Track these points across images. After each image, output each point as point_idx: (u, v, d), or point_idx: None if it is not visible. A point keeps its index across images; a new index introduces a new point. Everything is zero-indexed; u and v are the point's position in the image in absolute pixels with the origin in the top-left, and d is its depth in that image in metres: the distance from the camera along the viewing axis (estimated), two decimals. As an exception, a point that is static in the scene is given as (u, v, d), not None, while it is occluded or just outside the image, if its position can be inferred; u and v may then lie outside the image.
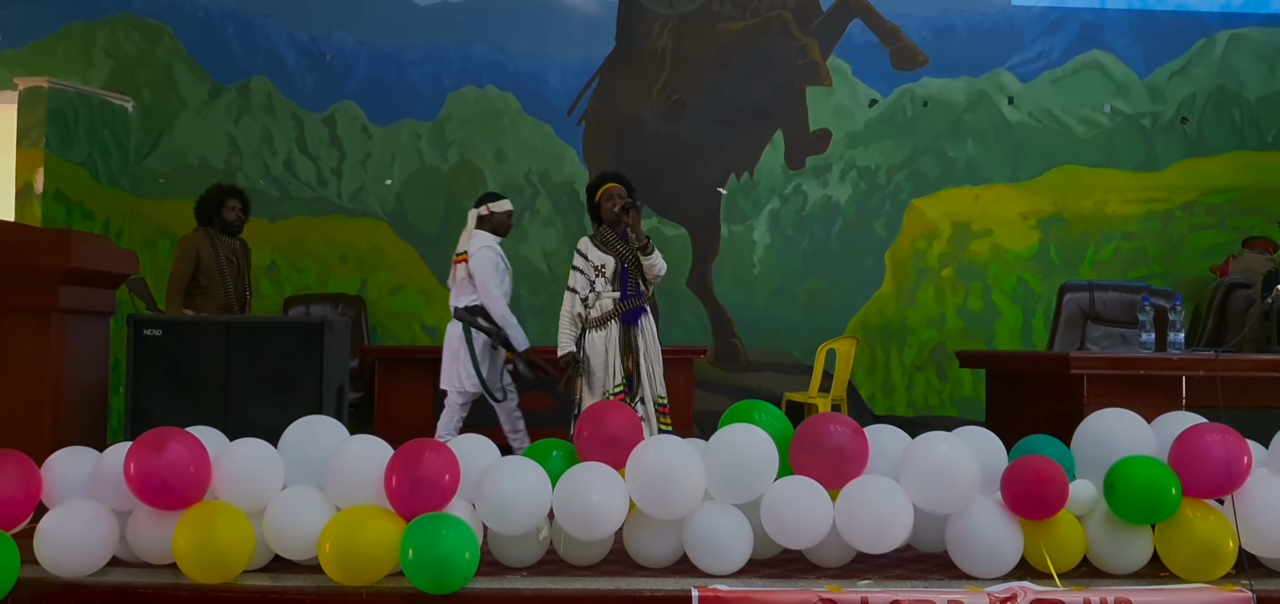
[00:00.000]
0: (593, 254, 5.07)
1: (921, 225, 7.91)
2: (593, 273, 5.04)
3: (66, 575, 3.49)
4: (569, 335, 5.07)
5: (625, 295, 5.01)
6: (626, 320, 5.00)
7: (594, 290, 5.04)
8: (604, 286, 5.02)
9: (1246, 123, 7.92)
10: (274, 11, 8.04)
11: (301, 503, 3.55)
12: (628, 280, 5.02)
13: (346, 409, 5.10)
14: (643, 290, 5.04)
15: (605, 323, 5.00)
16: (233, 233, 6.31)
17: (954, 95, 7.96)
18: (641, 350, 5.00)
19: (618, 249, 5.04)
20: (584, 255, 5.10)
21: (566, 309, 5.09)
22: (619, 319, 5.00)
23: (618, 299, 5.01)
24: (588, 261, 5.07)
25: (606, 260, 5.04)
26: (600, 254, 5.06)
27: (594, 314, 5.02)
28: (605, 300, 5.02)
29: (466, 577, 3.35)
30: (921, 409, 7.79)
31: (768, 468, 3.67)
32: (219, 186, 6.41)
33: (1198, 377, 4.51)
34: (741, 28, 8.00)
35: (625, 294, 5.01)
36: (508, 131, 7.98)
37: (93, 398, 4.97)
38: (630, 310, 5.01)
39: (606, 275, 5.03)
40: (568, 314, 5.08)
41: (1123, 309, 6.36)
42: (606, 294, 5.02)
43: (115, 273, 5.11)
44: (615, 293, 5.01)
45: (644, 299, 5.05)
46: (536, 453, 3.84)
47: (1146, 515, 3.58)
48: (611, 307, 5.01)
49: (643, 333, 5.02)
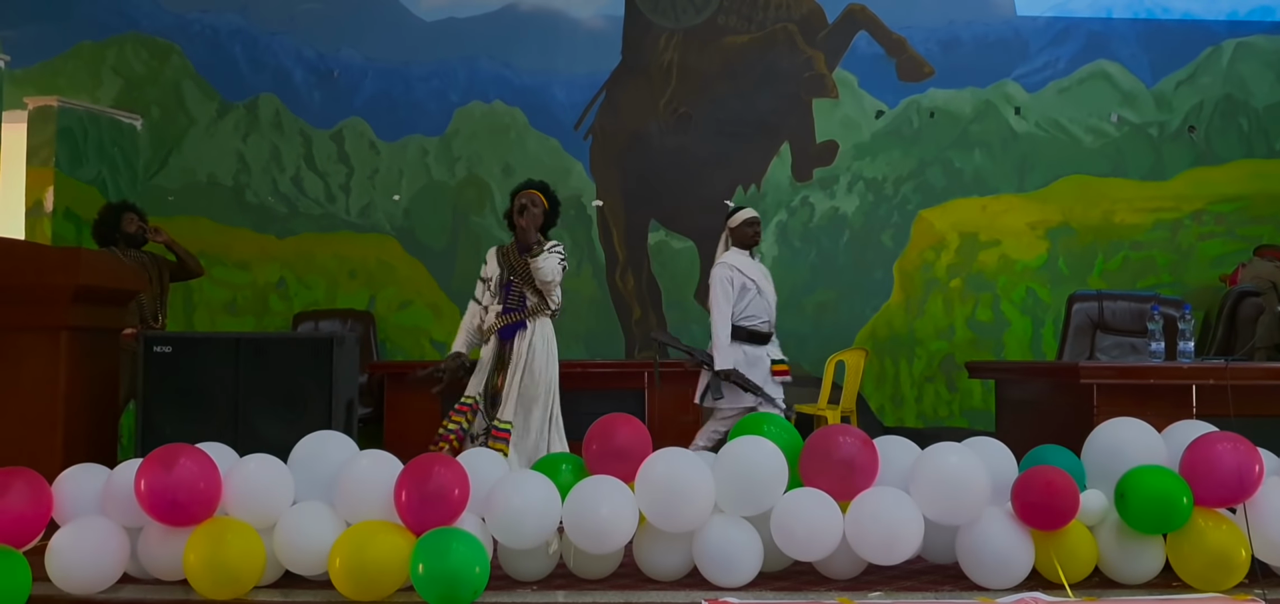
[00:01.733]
0: (490, 264, 4.99)
1: (929, 236, 7.90)
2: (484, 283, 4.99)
3: (78, 592, 3.50)
4: (462, 339, 5.00)
5: (506, 308, 4.89)
6: (502, 336, 4.89)
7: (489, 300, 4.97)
8: (489, 298, 4.94)
9: (1254, 131, 7.91)
10: (281, 29, 8.07)
11: (312, 518, 3.56)
12: (510, 292, 4.89)
13: (356, 424, 5.10)
14: (528, 304, 4.89)
15: (491, 336, 4.91)
16: (137, 245, 6.19)
17: (960, 106, 7.95)
18: (511, 366, 4.85)
19: (511, 259, 4.93)
20: (484, 263, 5.05)
21: (465, 316, 5.06)
22: (496, 333, 4.90)
23: (499, 312, 4.90)
24: (485, 271, 5.03)
25: (495, 271, 4.95)
26: (492, 264, 4.97)
27: (486, 325, 4.95)
28: (491, 313, 4.92)
29: (477, 591, 3.36)
30: (931, 420, 7.77)
31: (777, 480, 3.67)
32: (110, 205, 6.38)
33: (1208, 385, 4.49)
34: (747, 40, 8.01)
35: (506, 307, 4.89)
36: (515, 146, 7.99)
37: (103, 415, 4.99)
38: (506, 325, 4.88)
39: (491, 286, 4.95)
40: (466, 320, 5.04)
41: (1132, 318, 6.35)
42: (493, 307, 4.92)
43: (125, 290, 5.13)
44: (499, 306, 4.91)
45: (528, 313, 4.89)
46: (546, 466, 3.84)
47: (1158, 525, 3.57)
48: (494, 320, 4.90)
49: (516, 349, 4.85)
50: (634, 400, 6.28)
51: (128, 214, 6.20)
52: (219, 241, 7.91)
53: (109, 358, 5.11)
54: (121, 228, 6.15)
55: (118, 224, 6.16)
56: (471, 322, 5.03)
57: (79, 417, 4.69)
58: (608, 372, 6.59)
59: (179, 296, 7.86)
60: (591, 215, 7.94)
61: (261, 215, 7.97)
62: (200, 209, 7.96)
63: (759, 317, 5.66)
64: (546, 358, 4.92)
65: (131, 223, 6.16)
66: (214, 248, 7.90)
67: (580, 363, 6.62)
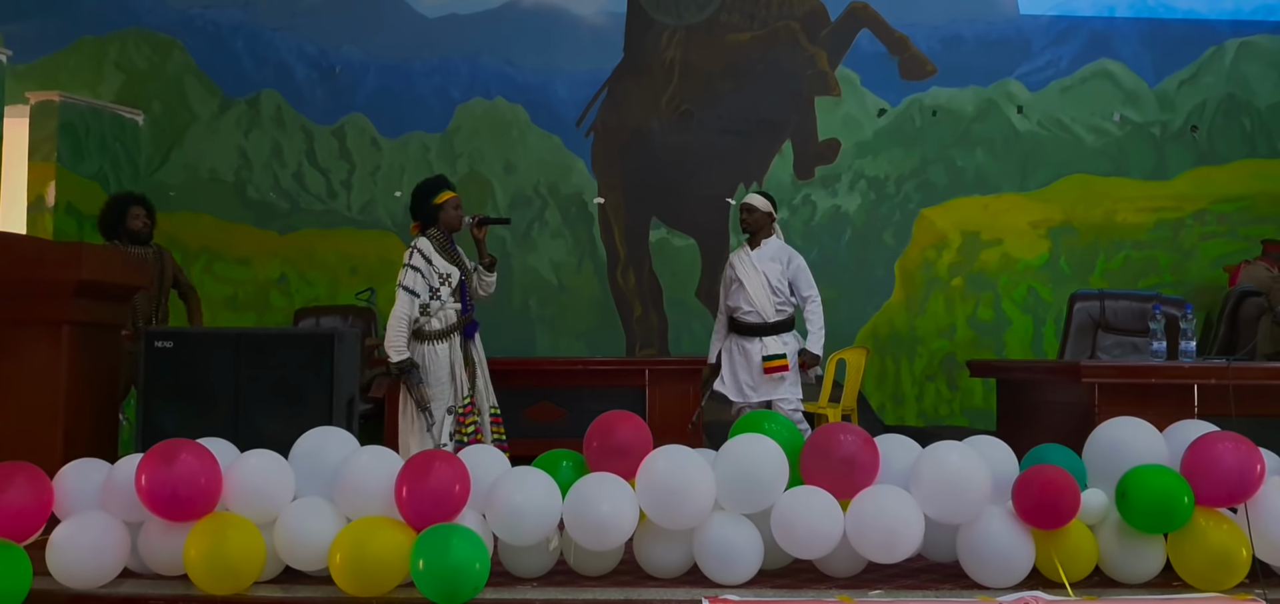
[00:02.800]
0: (438, 261, 4.87)
1: (931, 235, 7.90)
2: (437, 280, 4.85)
3: (78, 587, 3.50)
4: (404, 339, 4.80)
5: (466, 308, 4.91)
6: (468, 333, 4.92)
7: (439, 299, 4.85)
8: (448, 297, 4.87)
9: (1256, 131, 7.90)
10: (283, 25, 8.07)
11: (312, 514, 3.56)
12: (466, 292, 4.92)
13: (357, 420, 5.09)
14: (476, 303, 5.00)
15: (448, 335, 4.86)
16: (141, 242, 6.05)
17: (963, 105, 7.95)
18: (478, 362, 4.94)
19: (460, 260, 4.93)
20: (428, 260, 4.85)
21: (405, 312, 4.78)
22: (460, 332, 4.90)
23: (459, 311, 4.89)
24: (431, 268, 4.85)
25: (452, 271, 4.88)
26: (445, 263, 4.88)
27: (435, 325, 4.85)
28: (449, 311, 4.86)
29: (477, 587, 3.36)
30: (932, 419, 7.77)
31: (778, 478, 3.67)
32: (118, 197, 6.24)
33: (1210, 385, 4.49)
34: (749, 38, 8.01)
35: (466, 307, 4.91)
36: (516, 143, 7.99)
37: (104, 409, 4.99)
38: (471, 323, 4.93)
39: (451, 285, 4.88)
40: (405, 317, 4.80)
41: (1133, 318, 6.34)
42: (450, 305, 4.87)
43: (126, 285, 5.13)
44: (457, 304, 4.89)
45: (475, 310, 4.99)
46: (546, 463, 3.84)
47: (1159, 524, 3.57)
48: (455, 319, 4.88)
49: (477, 345, 4.97)
50: (634, 398, 6.26)
51: (134, 209, 6.08)
52: (220, 237, 7.92)
53: (111, 353, 5.11)
54: (126, 223, 6.04)
55: (123, 218, 6.05)
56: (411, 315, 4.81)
57: (80, 411, 4.69)
58: (608, 369, 6.58)
59: (181, 292, 7.88)
60: (593, 213, 7.94)
61: (263, 211, 7.97)
62: (202, 205, 7.96)
63: (742, 307, 5.68)
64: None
65: (137, 218, 6.07)
66: (215, 243, 7.92)
67: (581, 360, 6.63)
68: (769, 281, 5.65)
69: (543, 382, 6.01)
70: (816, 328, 5.65)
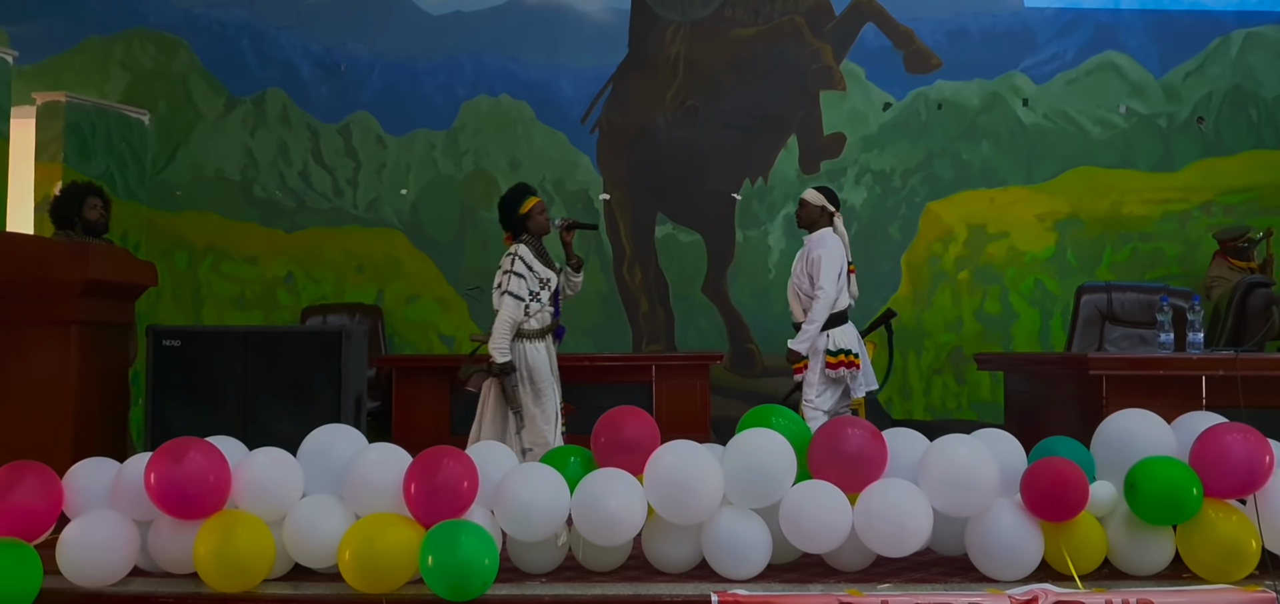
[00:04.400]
0: (538, 268, 5.03)
1: (937, 228, 7.88)
2: (537, 284, 5.01)
3: (88, 585, 3.51)
4: (509, 342, 4.93)
5: (557, 313, 5.12)
6: (558, 336, 5.17)
7: (538, 301, 5.01)
8: (547, 300, 5.06)
9: (1263, 121, 7.87)
10: (288, 24, 8.08)
11: (321, 511, 3.57)
12: (559, 296, 5.14)
13: (365, 418, 5.11)
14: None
15: (545, 335, 5.06)
16: (97, 233, 5.87)
17: (968, 98, 7.93)
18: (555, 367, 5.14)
19: (553, 265, 5.12)
20: (528, 266, 5.00)
21: (511, 315, 4.92)
22: (552, 334, 5.10)
23: (553, 315, 5.09)
24: (532, 273, 5.00)
25: (549, 274, 5.07)
26: (543, 268, 5.06)
27: (534, 326, 5.01)
28: (545, 314, 5.05)
29: (486, 583, 3.36)
30: (939, 413, 7.76)
31: (786, 472, 3.67)
32: (75, 185, 6.02)
33: (1218, 376, 4.47)
34: (754, 33, 8.00)
35: (558, 310, 5.13)
36: (522, 140, 7.99)
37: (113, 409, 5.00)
38: (561, 327, 5.19)
39: (550, 289, 5.07)
40: (511, 321, 4.92)
41: (1141, 310, 6.33)
42: (546, 309, 5.06)
43: (133, 284, 5.14)
44: (551, 308, 5.08)
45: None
46: (554, 459, 3.84)
47: (1168, 516, 3.56)
48: (550, 321, 5.08)
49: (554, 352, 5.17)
50: (641, 394, 6.29)
51: (91, 199, 5.89)
52: (227, 236, 7.93)
53: (118, 352, 5.12)
54: (83, 214, 5.84)
55: (80, 208, 5.84)
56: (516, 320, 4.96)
57: (89, 410, 4.71)
58: (615, 365, 6.60)
59: (187, 291, 7.91)
60: (598, 209, 7.94)
61: (269, 210, 7.98)
62: (208, 204, 7.98)
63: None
64: None
65: (94, 209, 5.87)
66: (222, 242, 7.94)
67: (588, 356, 6.63)
68: (794, 281, 5.65)
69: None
70: (807, 323, 5.48)
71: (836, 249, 5.55)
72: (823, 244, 5.55)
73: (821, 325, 5.47)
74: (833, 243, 5.57)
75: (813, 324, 5.45)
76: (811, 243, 5.61)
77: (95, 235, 5.88)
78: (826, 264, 5.46)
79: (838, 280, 5.51)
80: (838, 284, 5.51)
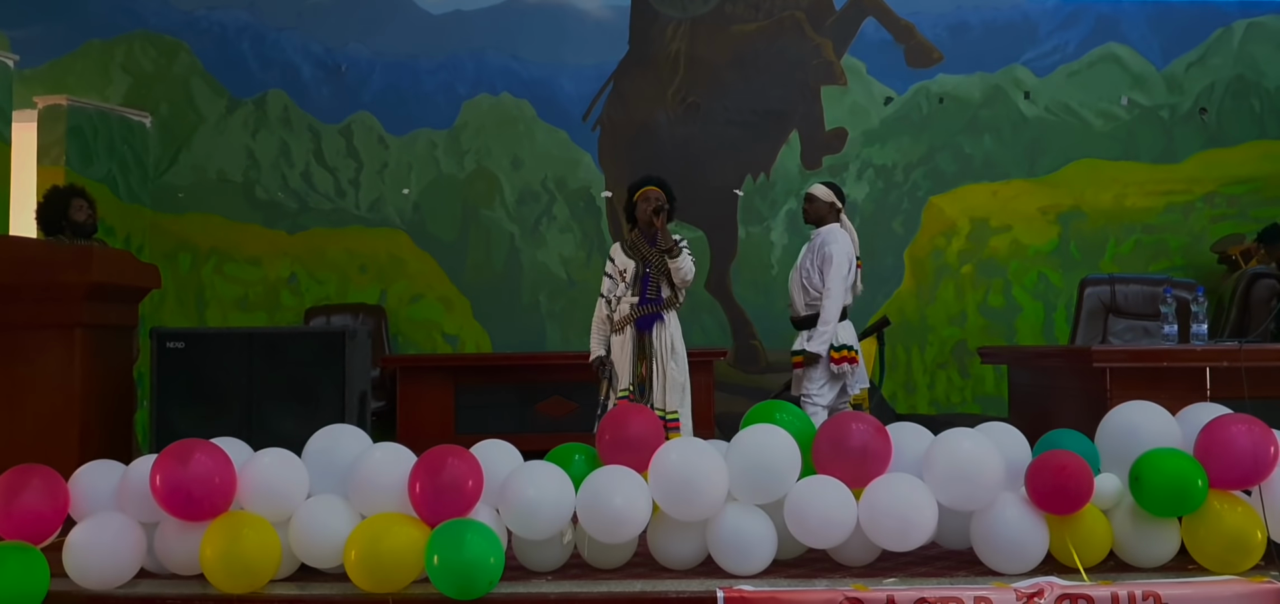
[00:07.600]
0: (618, 258, 5.09)
1: (940, 222, 7.88)
2: (618, 277, 5.05)
3: (95, 588, 3.52)
4: (598, 338, 5.07)
5: (643, 300, 5.00)
6: (640, 326, 5.00)
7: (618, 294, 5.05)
8: (624, 291, 5.03)
9: (1266, 112, 7.86)
10: (289, 25, 8.08)
11: (326, 511, 3.57)
12: (647, 285, 5.01)
13: (369, 417, 5.12)
14: (664, 296, 5.02)
15: (624, 327, 5.01)
16: (86, 235, 5.84)
17: (970, 91, 7.93)
18: (655, 356, 4.99)
19: (642, 253, 5.03)
20: (612, 260, 5.12)
21: (595, 313, 5.11)
22: (633, 324, 5.00)
23: (635, 304, 5.00)
24: (614, 266, 5.09)
25: (628, 264, 5.05)
26: (624, 258, 5.07)
27: (617, 318, 5.03)
28: (624, 305, 5.02)
29: (492, 582, 3.37)
30: (944, 407, 7.76)
31: (790, 468, 3.67)
32: (56, 189, 5.99)
33: (1222, 368, 4.47)
34: (755, 29, 7.99)
35: (644, 299, 5.00)
36: (523, 138, 7.99)
37: (118, 411, 5.01)
38: (644, 316, 4.99)
39: (627, 279, 5.03)
40: (596, 318, 5.09)
41: (1144, 302, 6.32)
42: (626, 299, 5.02)
43: (137, 287, 5.15)
44: (634, 298, 5.01)
45: (664, 305, 5.01)
46: (559, 457, 3.84)
47: (1173, 508, 3.56)
48: (629, 311, 5.01)
49: (657, 339, 5.00)
50: (646, 391, 6.28)
51: (77, 201, 5.88)
52: (230, 238, 7.94)
53: (123, 355, 5.13)
54: (70, 216, 5.83)
55: (66, 210, 5.84)
56: (601, 316, 5.09)
57: (94, 413, 4.71)
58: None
59: (191, 293, 7.91)
60: (600, 207, 7.94)
61: (272, 211, 7.99)
62: (210, 206, 7.98)
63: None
64: (683, 346, 5.11)
65: (81, 210, 5.86)
66: (225, 244, 7.94)
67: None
68: (800, 273, 5.63)
69: (554, 376, 6.03)
70: (821, 322, 5.47)
71: (847, 246, 5.57)
72: (835, 240, 5.55)
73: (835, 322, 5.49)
74: (844, 239, 5.58)
75: (827, 324, 5.46)
76: (823, 237, 5.61)
77: (85, 237, 5.88)
78: (839, 261, 5.48)
79: (847, 277, 5.52)
80: (847, 280, 5.53)
